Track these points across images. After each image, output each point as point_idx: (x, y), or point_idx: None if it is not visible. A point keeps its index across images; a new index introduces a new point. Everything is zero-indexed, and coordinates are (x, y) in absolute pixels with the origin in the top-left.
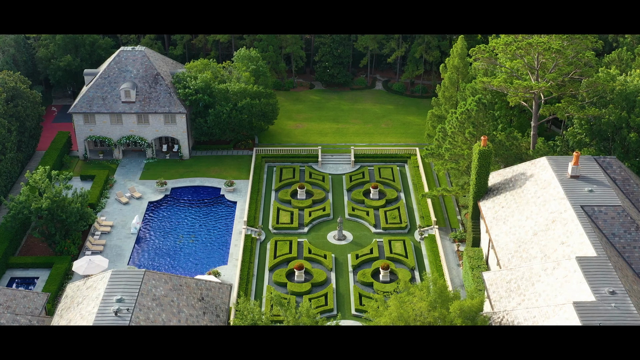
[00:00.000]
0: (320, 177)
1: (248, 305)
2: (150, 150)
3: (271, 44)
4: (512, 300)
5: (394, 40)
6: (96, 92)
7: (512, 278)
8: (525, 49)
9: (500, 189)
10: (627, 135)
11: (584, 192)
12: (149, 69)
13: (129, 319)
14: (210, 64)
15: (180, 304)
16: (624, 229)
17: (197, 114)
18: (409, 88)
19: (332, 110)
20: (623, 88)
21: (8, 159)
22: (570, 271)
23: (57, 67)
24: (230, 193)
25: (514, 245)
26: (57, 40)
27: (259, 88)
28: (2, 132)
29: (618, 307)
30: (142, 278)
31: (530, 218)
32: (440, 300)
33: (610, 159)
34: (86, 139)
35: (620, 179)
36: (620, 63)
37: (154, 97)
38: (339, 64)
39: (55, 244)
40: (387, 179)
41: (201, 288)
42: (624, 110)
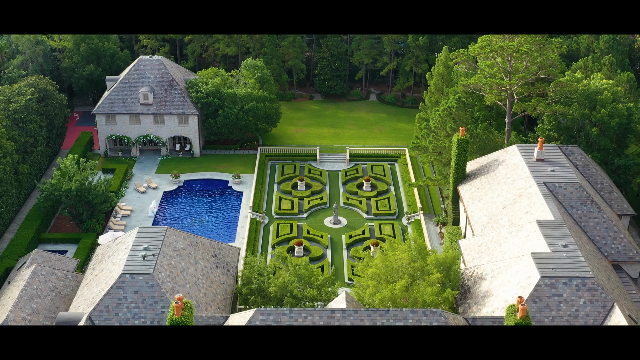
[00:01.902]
0: (319, 173)
1: (254, 258)
2: (164, 148)
3: (274, 57)
4: (482, 259)
5: (387, 55)
6: (117, 95)
7: (482, 242)
8: (498, 51)
9: (477, 174)
10: (589, 130)
11: (547, 172)
12: (165, 75)
13: (154, 264)
14: (220, 72)
15: (197, 257)
16: (581, 202)
17: (207, 115)
18: (401, 99)
19: (330, 118)
20: (586, 89)
21: (39, 151)
22: (531, 232)
23: (80, 76)
24: (237, 185)
25: (487, 218)
26: (81, 51)
27: (263, 93)
28: (35, 127)
29: (569, 257)
30: (164, 233)
31: (501, 195)
32: (419, 255)
33: (572, 147)
34: (107, 138)
35: (581, 164)
36: (585, 70)
37: (169, 100)
38: (337, 76)
39: (82, 222)
40: (378, 174)
41: (214, 247)
42: (587, 108)
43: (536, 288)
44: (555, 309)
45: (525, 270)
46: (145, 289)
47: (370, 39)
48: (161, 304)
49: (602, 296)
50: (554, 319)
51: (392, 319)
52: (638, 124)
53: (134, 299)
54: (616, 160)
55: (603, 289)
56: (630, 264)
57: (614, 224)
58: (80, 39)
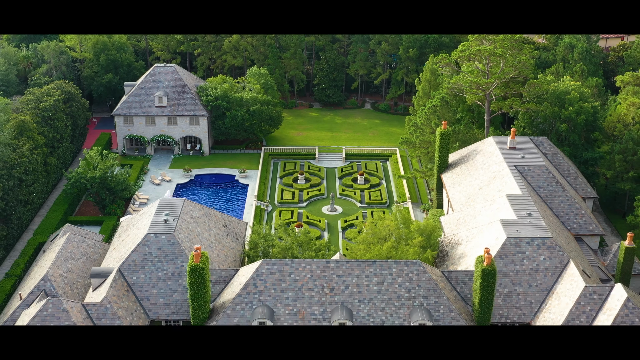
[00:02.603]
0: (317, 169)
1: (260, 226)
2: (177, 147)
3: (277, 67)
4: (460, 230)
5: (380, 66)
6: (134, 99)
7: (460, 216)
8: (476, 54)
9: (458, 163)
10: (559, 126)
11: (518, 157)
12: (178, 81)
13: (175, 226)
14: (228, 79)
15: (210, 225)
16: (547, 183)
17: (216, 117)
18: (393, 107)
19: (328, 123)
20: (555, 89)
21: (64, 147)
22: (502, 204)
23: (99, 83)
24: (243, 178)
25: (465, 198)
26: (100, 61)
27: (267, 97)
28: (61, 125)
29: (532, 222)
30: (183, 204)
31: (478, 178)
32: (404, 223)
33: (542, 139)
34: (125, 137)
35: (550, 153)
36: (557, 74)
37: (182, 103)
38: (334, 86)
39: (104, 207)
40: (371, 170)
41: (225, 219)
42: (556, 106)
43: (503, 247)
44: (519, 264)
45: (495, 234)
46: (167, 246)
47: (365, 52)
48: (181, 259)
49: (560, 253)
50: (518, 272)
51: (378, 269)
52: (603, 122)
53: (157, 254)
54: (584, 153)
55: (560, 248)
56: (590, 236)
57: (577, 202)
58: (99, 50)
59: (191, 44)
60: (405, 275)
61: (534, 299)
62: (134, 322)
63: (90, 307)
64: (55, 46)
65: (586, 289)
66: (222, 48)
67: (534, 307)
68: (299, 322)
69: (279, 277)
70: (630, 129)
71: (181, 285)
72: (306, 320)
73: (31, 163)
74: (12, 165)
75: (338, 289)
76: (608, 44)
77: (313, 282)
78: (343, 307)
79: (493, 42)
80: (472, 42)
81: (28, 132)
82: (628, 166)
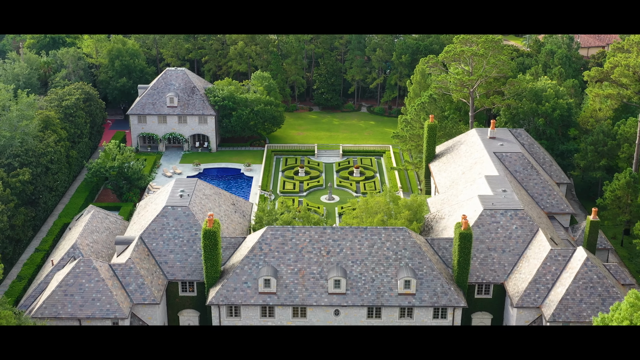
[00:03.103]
0: (316, 164)
1: (265, 203)
2: (187, 144)
3: (279, 72)
4: (443, 208)
5: (375, 72)
6: (148, 100)
7: (444, 197)
8: (460, 54)
9: (444, 153)
10: (537, 121)
11: (497, 145)
12: (188, 83)
13: (189, 200)
14: (233, 82)
15: (220, 202)
16: (523, 167)
17: (223, 116)
18: (388, 111)
19: (326, 124)
20: (534, 87)
21: (83, 142)
22: (481, 184)
23: (114, 87)
24: (248, 172)
25: (449, 182)
26: (115, 67)
27: (270, 98)
28: (81, 121)
29: (506, 197)
30: (196, 183)
31: (461, 165)
32: (392, 200)
33: (520, 130)
34: (138, 135)
35: (527, 143)
36: (536, 75)
37: (191, 103)
38: (332, 90)
39: (122, 194)
40: (366, 165)
41: (233, 198)
42: (534, 102)
43: (480, 217)
44: (494, 232)
45: (473, 207)
46: (182, 217)
47: (361, 59)
48: (195, 228)
49: (530, 223)
50: (493, 239)
51: (369, 234)
52: (578, 117)
53: (174, 224)
54: (560, 146)
55: (530, 218)
56: (561, 214)
57: (550, 185)
58: (114, 56)
59: (199, 51)
60: (392, 240)
61: (506, 262)
62: (154, 281)
63: (116, 267)
64: (74, 52)
65: (552, 252)
66: (227, 55)
67: (507, 269)
68: (299, 279)
69: (282, 242)
70: (601, 123)
71: (195, 251)
72: (305, 278)
73: (55, 153)
74: (40, 154)
75: (334, 252)
76: (590, 52)
77: (312, 245)
78: (338, 266)
79: (476, 44)
80: (456, 44)
81: (52, 127)
82: (599, 156)
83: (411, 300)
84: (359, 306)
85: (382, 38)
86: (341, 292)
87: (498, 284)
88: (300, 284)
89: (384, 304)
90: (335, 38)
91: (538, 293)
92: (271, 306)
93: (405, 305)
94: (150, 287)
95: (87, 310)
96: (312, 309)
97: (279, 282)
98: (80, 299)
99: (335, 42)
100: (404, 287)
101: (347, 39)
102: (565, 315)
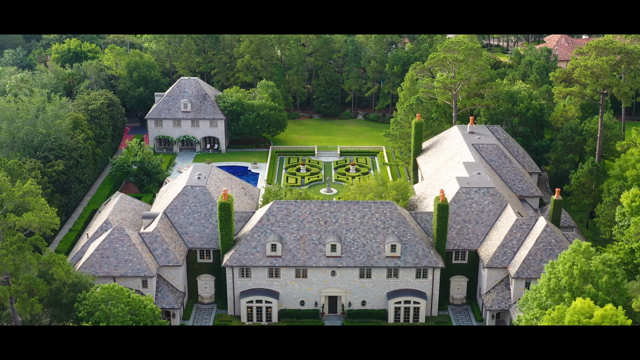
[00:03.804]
0: (316, 162)
1: (271, 186)
2: (199, 146)
3: (282, 82)
4: (426, 190)
5: (370, 81)
6: (164, 105)
7: (428, 182)
8: (442, 60)
9: (429, 147)
10: (513, 120)
11: (475, 138)
12: (200, 90)
13: (206, 181)
14: (241, 90)
15: (232, 185)
16: (497, 157)
17: (232, 120)
18: (382, 118)
19: (326, 129)
20: (509, 90)
21: (107, 142)
22: (459, 169)
23: (132, 96)
24: (255, 169)
25: (433, 171)
26: (133, 78)
27: (274, 104)
28: (105, 124)
29: (480, 178)
30: (210, 168)
31: (444, 156)
32: (382, 182)
33: (497, 127)
34: (155, 137)
35: (502, 138)
36: (512, 80)
37: (203, 109)
38: (331, 99)
39: (142, 186)
40: (362, 163)
41: (242, 184)
42: (510, 103)
43: (456, 194)
44: (469, 207)
45: (451, 186)
46: (200, 195)
47: (357, 70)
48: (211, 205)
49: (500, 199)
50: (468, 213)
51: (361, 207)
52: (549, 117)
53: (193, 201)
54: (534, 142)
55: (500, 195)
56: (531, 197)
57: (521, 172)
58: (132, 68)
59: (209, 64)
60: (381, 212)
61: (479, 232)
62: (176, 248)
63: (144, 235)
64: (96, 64)
65: (517, 221)
66: (235, 67)
67: (479, 238)
68: (301, 245)
69: (286, 214)
70: (570, 121)
71: (211, 224)
72: (306, 244)
73: (84, 149)
74: (71, 149)
75: (330, 222)
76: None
77: (312, 216)
78: (334, 234)
79: (457, 51)
80: (440, 52)
81: (81, 127)
82: (568, 150)
83: (397, 262)
84: (352, 267)
85: (376, 51)
86: (337, 255)
87: (472, 251)
88: (302, 249)
89: (373, 265)
90: (334, 51)
91: (505, 255)
92: (277, 267)
93: (391, 266)
94: (174, 251)
95: (120, 270)
96: (312, 270)
97: (283, 247)
98: (114, 261)
99: (333, 55)
100: (391, 250)
101: (345, 51)
102: (528, 272)
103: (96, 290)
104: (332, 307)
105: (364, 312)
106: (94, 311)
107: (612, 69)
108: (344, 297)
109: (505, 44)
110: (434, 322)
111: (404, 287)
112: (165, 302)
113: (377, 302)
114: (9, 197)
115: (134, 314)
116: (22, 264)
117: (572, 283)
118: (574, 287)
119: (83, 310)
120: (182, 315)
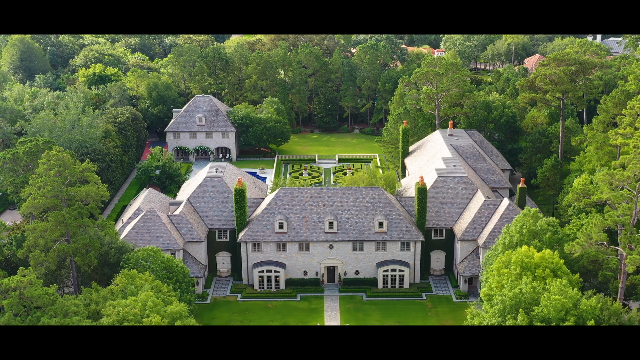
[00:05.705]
0: (317, 168)
1: (278, 179)
2: (212, 155)
3: (285, 100)
4: (411, 183)
5: (364, 98)
6: (181, 119)
7: (412, 177)
8: (425, 74)
9: (415, 150)
10: (488, 126)
11: (453, 139)
12: (213, 106)
13: (223, 174)
14: (249, 106)
15: (244, 179)
16: (472, 154)
17: (241, 132)
18: (376, 132)
19: (325, 142)
20: (485, 100)
21: (131, 152)
22: (438, 163)
23: (151, 114)
24: (262, 174)
25: (417, 169)
26: (152, 97)
27: (279, 117)
28: (130, 135)
29: (456, 169)
30: (226, 165)
31: (426, 155)
32: (372, 176)
33: (473, 130)
34: (174, 148)
35: (478, 140)
36: (489, 92)
37: (216, 122)
38: (330, 115)
39: (164, 188)
40: (357, 168)
41: (252, 178)
42: (486, 112)
43: (435, 182)
44: (445, 192)
45: (431, 176)
46: (218, 186)
47: (353, 88)
48: (227, 193)
49: (472, 186)
50: (445, 197)
51: (353, 192)
52: (520, 123)
53: (212, 190)
54: (508, 145)
55: (472, 182)
56: (502, 188)
57: (493, 167)
58: (151, 88)
59: (219, 85)
60: (370, 196)
61: (454, 213)
62: (199, 227)
63: (172, 217)
64: (120, 85)
65: (485, 202)
66: (243, 87)
67: (454, 217)
68: (304, 223)
69: (291, 198)
70: (538, 126)
71: (228, 209)
72: (308, 222)
73: (114, 155)
74: (104, 153)
75: (328, 204)
76: None
77: (312, 200)
78: (331, 214)
79: (438, 66)
80: (423, 67)
81: (110, 136)
82: (536, 151)
83: (384, 237)
84: (347, 241)
85: (370, 71)
86: (334, 231)
87: (448, 228)
88: (305, 227)
89: (364, 240)
90: (332, 72)
91: (475, 230)
92: (284, 242)
93: (380, 240)
94: (197, 230)
95: (153, 244)
96: (313, 244)
97: (289, 225)
98: (148, 237)
99: (331, 76)
100: (379, 227)
101: (342, 72)
102: (493, 242)
103: (137, 252)
104: (330, 276)
105: (358, 280)
106: (136, 267)
107: (570, 78)
108: (340, 267)
109: (491, 67)
110: (416, 287)
111: (391, 257)
112: (190, 272)
113: (369, 271)
114: (72, 172)
115: (168, 270)
116: (80, 227)
117: (522, 240)
118: (523, 242)
119: (128, 267)
120: (205, 284)
